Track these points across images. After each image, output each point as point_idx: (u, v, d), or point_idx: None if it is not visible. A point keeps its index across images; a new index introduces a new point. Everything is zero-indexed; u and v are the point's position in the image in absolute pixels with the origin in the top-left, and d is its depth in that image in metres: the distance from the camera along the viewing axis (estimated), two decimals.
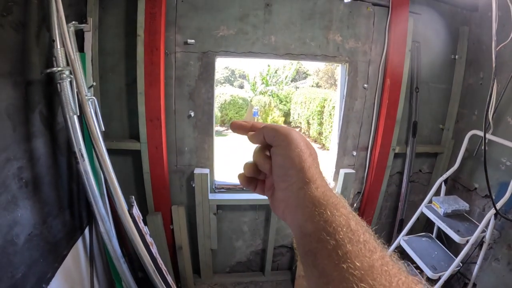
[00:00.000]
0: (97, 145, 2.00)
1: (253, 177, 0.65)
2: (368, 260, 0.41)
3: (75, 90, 1.83)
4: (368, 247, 0.43)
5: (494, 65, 2.32)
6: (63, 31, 1.53)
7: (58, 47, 1.72)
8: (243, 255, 3.50)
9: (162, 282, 2.31)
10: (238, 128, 0.67)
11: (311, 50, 2.96)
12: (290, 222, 0.54)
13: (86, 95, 1.94)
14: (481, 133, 2.50)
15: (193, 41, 2.73)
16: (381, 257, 0.42)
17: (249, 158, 0.64)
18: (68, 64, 1.80)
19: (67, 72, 1.76)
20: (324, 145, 10.31)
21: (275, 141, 0.58)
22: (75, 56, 1.82)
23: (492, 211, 2.34)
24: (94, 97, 2.04)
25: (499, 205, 2.32)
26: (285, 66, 14.01)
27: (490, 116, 2.62)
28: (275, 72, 13.85)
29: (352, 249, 0.42)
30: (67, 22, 1.83)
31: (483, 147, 2.49)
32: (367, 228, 0.48)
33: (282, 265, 3.67)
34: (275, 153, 0.57)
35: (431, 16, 3.05)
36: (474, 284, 2.78)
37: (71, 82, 1.79)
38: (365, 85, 3.12)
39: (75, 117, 1.85)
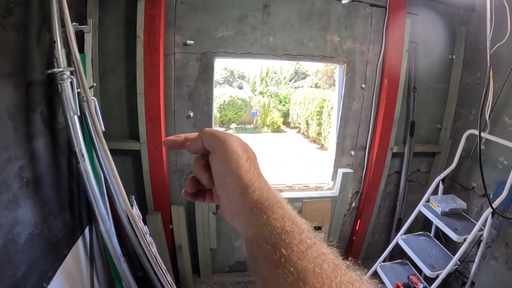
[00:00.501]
0: (102, 144, 2.02)
1: (200, 189, 0.64)
2: (301, 263, 0.41)
3: (76, 91, 1.85)
4: (302, 248, 0.43)
5: (488, 64, 2.35)
6: (68, 32, 1.55)
7: (59, 48, 1.74)
8: (242, 255, 3.51)
9: (163, 281, 2.33)
10: (170, 143, 0.66)
11: (309, 51, 2.98)
12: (238, 229, 0.54)
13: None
14: (478, 133, 2.52)
15: (192, 42, 2.75)
16: (316, 257, 0.42)
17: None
18: (69, 65, 1.82)
19: (67, 73, 1.78)
20: (323, 145, 10.33)
21: (213, 148, 0.57)
22: (78, 57, 1.85)
23: (489, 209, 2.36)
24: (94, 98, 2.06)
25: (496, 203, 2.34)
26: (282, 67, 14.06)
27: (487, 116, 2.65)
28: (274, 73, 13.88)
29: (286, 253, 0.42)
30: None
31: (479, 146, 2.51)
32: (306, 227, 0.48)
33: None
34: (213, 160, 0.57)
35: (428, 16, 3.08)
36: (473, 283, 2.80)
37: (71, 83, 1.81)
38: (363, 85, 3.14)
39: (76, 117, 1.87)
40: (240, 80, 15.51)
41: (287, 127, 13.61)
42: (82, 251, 2.35)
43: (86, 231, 2.43)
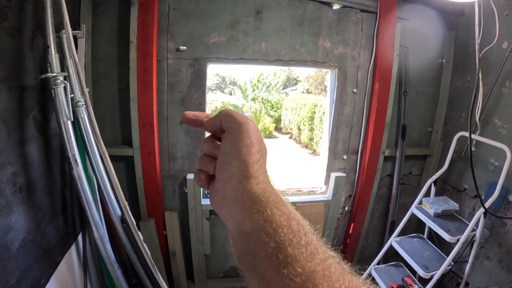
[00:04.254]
0: (102, 149, 2.01)
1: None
2: (310, 265, 0.40)
3: (70, 96, 1.84)
4: (309, 249, 0.42)
5: (477, 67, 2.39)
6: (68, 37, 1.55)
7: (53, 53, 1.74)
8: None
9: None
10: (191, 119, 0.60)
11: (301, 56, 3.01)
12: (225, 217, 0.52)
13: (79, 101, 1.95)
14: (468, 135, 2.56)
15: (185, 47, 2.76)
16: (323, 260, 0.41)
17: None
18: (62, 70, 1.82)
19: (61, 78, 1.78)
20: (315, 150, 10.36)
21: (229, 127, 0.54)
22: (69, 62, 1.85)
23: (482, 209, 2.39)
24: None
25: (487, 204, 2.38)
26: (275, 73, 14.12)
27: (477, 118, 2.69)
28: (265, 79, 13.95)
29: (293, 253, 0.41)
30: (61, 29, 1.85)
31: (470, 148, 2.54)
32: (310, 228, 0.47)
33: None
34: (225, 139, 0.54)
35: (418, 21, 3.13)
36: (467, 283, 2.83)
37: (65, 88, 1.80)
38: (354, 90, 3.17)
39: (69, 123, 1.86)
40: (232, 86, 15.55)
41: (279, 133, 13.63)
42: (76, 257, 2.32)
43: (79, 237, 2.40)
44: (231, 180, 0.51)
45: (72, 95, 1.91)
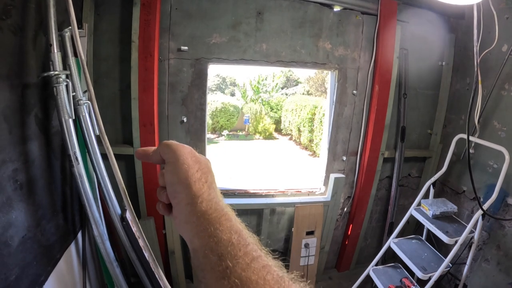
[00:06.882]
0: (107, 147, 2.02)
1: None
2: (245, 274, 0.43)
3: (71, 94, 1.85)
4: (247, 260, 0.45)
5: (476, 69, 2.40)
6: (75, 35, 1.56)
7: (55, 51, 1.75)
8: None
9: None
10: (141, 153, 0.66)
11: (301, 58, 3.02)
12: (185, 238, 0.55)
13: (81, 99, 1.96)
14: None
15: (186, 48, 2.77)
16: (260, 269, 0.45)
17: (241, 164, 0.64)
18: (64, 68, 1.83)
19: (63, 76, 1.79)
20: (315, 152, 10.37)
21: (166, 158, 0.59)
22: (71, 60, 1.86)
23: (480, 211, 2.40)
24: (89, 102, 2.07)
25: (486, 205, 2.39)
26: (275, 74, 14.15)
27: (476, 120, 2.70)
28: (265, 79, 13.98)
29: (231, 264, 0.45)
30: (63, 28, 1.87)
31: (468, 151, 2.55)
32: (251, 239, 0.51)
33: None
34: (166, 170, 0.59)
35: (418, 24, 3.14)
36: (465, 285, 2.83)
37: (67, 86, 1.82)
38: (354, 92, 3.19)
39: (70, 121, 1.87)
40: (232, 87, 15.58)
41: (279, 134, 13.65)
42: (75, 255, 2.33)
43: (79, 235, 2.41)
44: (180, 204, 0.55)
45: (74, 93, 1.92)
